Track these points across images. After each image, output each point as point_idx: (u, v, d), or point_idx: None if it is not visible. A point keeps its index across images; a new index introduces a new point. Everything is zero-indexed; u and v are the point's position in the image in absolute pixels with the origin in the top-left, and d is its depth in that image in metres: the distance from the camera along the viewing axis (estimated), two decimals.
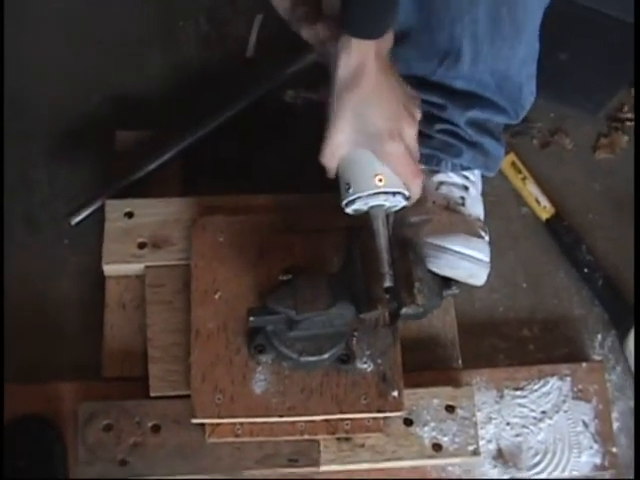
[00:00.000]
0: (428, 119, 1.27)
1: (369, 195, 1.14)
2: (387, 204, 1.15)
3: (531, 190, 1.53)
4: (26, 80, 1.58)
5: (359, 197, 1.14)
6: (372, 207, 1.15)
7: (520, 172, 1.53)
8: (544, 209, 1.52)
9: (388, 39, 1.09)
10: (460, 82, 1.27)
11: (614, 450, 1.36)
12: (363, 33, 1.06)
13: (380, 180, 1.13)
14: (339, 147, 1.13)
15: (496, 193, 1.51)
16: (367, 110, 1.10)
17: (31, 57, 1.60)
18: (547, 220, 1.52)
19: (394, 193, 1.14)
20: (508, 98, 1.30)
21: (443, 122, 1.30)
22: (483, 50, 1.23)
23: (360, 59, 1.08)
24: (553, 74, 1.44)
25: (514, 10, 1.19)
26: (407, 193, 1.15)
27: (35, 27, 1.63)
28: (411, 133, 1.13)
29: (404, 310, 1.16)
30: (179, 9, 1.66)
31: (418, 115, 1.15)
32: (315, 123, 1.18)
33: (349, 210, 1.17)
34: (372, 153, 1.13)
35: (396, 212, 1.31)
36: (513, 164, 1.54)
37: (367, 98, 1.09)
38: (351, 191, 1.14)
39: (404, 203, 1.17)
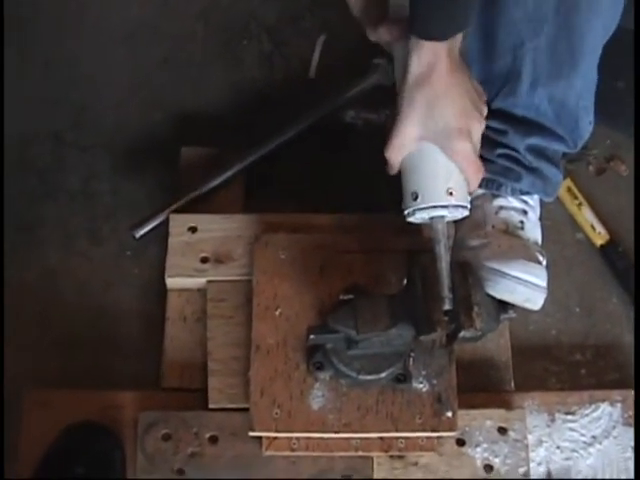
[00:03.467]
0: (489, 144, 1.29)
1: (436, 207, 1.14)
2: (449, 215, 1.16)
3: (586, 216, 1.54)
4: (91, 95, 1.62)
5: (426, 207, 1.14)
6: (433, 217, 1.15)
7: (576, 198, 1.55)
8: (599, 235, 1.53)
9: (459, 38, 1.10)
10: (519, 109, 1.29)
11: None
12: (431, 35, 1.08)
13: (451, 194, 1.14)
14: (406, 142, 1.14)
15: (552, 218, 1.52)
16: (437, 107, 1.11)
17: (96, 73, 1.64)
18: (601, 246, 1.53)
19: (460, 207, 1.16)
20: (566, 127, 1.31)
21: (504, 147, 1.31)
22: (541, 78, 1.25)
23: (431, 58, 1.09)
24: (610, 102, 1.45)
25: (573, 43, 1.22)
26: (469, 205, 1.17)
27: (101, 44, 1.67)
28: (479, 131, 1.15)
29: (462, 333, 1.17)
30: (242, 29, 1.70)
31: (485, 111, 1.17)
32: (375, 143, 1.20)
33: (411, 219, 1.17)
34: (438, 155, 1.14)
35: (456, 235, 1.34)
36: (569, 190, 1.55)
37: (438, 96, 1.11)
38: (419, 200, 1.14)
39: (465, 214, 1.18)
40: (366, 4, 1.18)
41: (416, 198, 1.15)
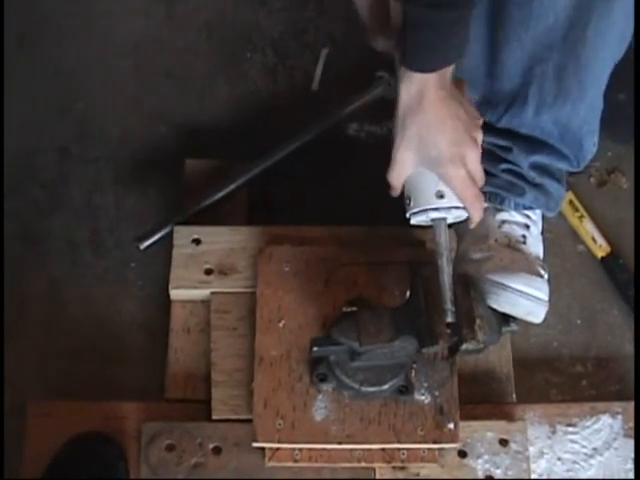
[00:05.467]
0: (493, 159, 1.31)
1: (428, 210, 1.17)
2: (449, 217, 1.19)
3: (587, 228, 1.55)
4: (96, 108, 1.63)
5: (420, 210, 1.18)
6: (434, 219, 1.18)
7: (577, 210, 1.56)
8: (600, 247, 1.54)
9: (450, 68, 1.12)
10: (525, 129, 1.30)
11: None
12: (420, 67, 1.09)
13: (441, 196, 1.16)
14: (404, 168, 1.17)
15: (553, 230, 1.53)
16: (429, 136, 1.13)
17: (100, 87, 1.65)
18: (602, 258, 1.54)
19: (451, 208, 1.18)
20: (570, 147, 1.32)
21: (507, 162, 1.33)
22: (547, 103, 1.26)
23: (420, 87, 1.11)
24: (611, 114, 1.45)
25: (579, 73, 1.23)
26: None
27: (106, 57, 1.68)
28: (473, 157, 1.16)
29: (464, 346, 1.18)
30: (246, 41, 1.71)
31: (480, 137, 1.18)
32: (379, 156, 1.21)
33: (414, 222, 1.20)
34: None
35: (458, 248, 1.36)
36: (570, 202, 1.56)
37: (429, 124, 1.12)
38: (411, 204, 1.18)
39: (465, 215, 1.20)
40: (374, 10, 1.19)
41: (409, 203, 1.19)
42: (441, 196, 1.16)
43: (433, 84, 1.10)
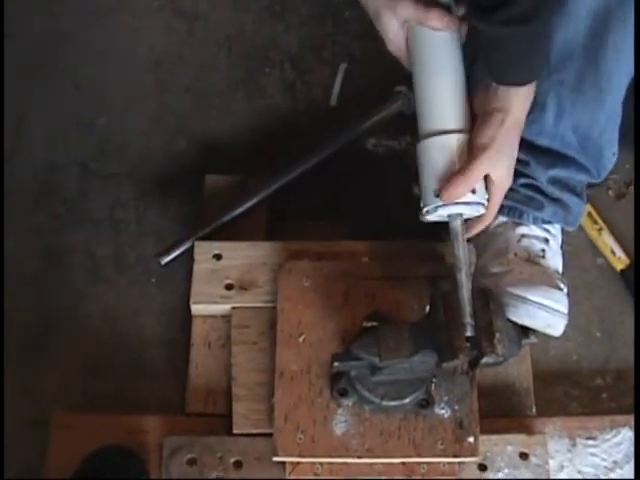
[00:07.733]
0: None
1: (458, 203, 1.17)
2: (467, 212, 1.19)
3: (606, 241, 1.55)
4: (116, 123, 1.65)
5: (437, 206, 1.17)
6: (450, 215, 1.19)
7: (596, 223, 1.56)
8: (619, 260, 1.54)
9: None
10: (544, 140, 1.31)
11: None
12: (527, 79, 1.16)
13: (473, 191, 1.17)
14: (479, 178, 1.18)
15: (572, 243, 1.53)
16: (515, 150, 1.20)
17: (121, 103, 1.67)
18: (622, 270, 1.54)
19: (480, 204, 1.19)
20: (590, 157, 1.33)
21: (526, 177, 1.33)
22: (566, 109, 1.27)
23: (527, 104, 1.18)
24: (629, 126, 1.45)
25: (599, 81, 1.24)
26: (486, 203, 1.20)
27: (127, 72, 1.70)
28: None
29: (484, 359, 1.19)
30: (265, 56, 1.72)
31: None
32: (396, 171, 1.21)
33: (429, 217, 1.20)
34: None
35: (477, 262, 1.36)
36: (589, 215, 1.56)
37: (517, 140, 1.19)
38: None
39: (482, 212, 1.21)
40: None
41: (438, 195, 1.17)
42: (473, 191, 1.17)
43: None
